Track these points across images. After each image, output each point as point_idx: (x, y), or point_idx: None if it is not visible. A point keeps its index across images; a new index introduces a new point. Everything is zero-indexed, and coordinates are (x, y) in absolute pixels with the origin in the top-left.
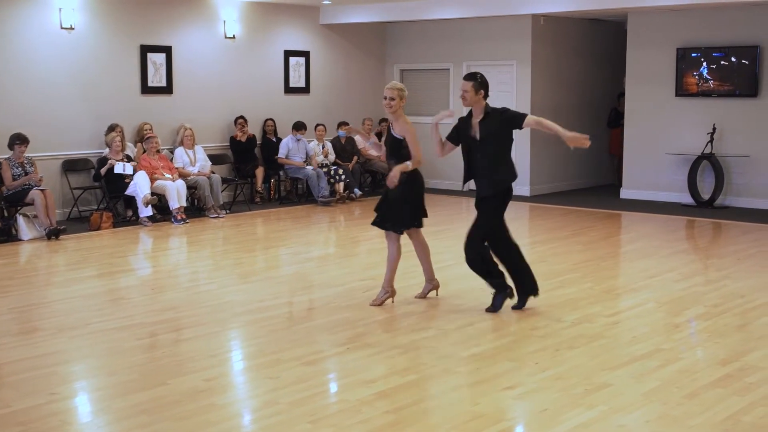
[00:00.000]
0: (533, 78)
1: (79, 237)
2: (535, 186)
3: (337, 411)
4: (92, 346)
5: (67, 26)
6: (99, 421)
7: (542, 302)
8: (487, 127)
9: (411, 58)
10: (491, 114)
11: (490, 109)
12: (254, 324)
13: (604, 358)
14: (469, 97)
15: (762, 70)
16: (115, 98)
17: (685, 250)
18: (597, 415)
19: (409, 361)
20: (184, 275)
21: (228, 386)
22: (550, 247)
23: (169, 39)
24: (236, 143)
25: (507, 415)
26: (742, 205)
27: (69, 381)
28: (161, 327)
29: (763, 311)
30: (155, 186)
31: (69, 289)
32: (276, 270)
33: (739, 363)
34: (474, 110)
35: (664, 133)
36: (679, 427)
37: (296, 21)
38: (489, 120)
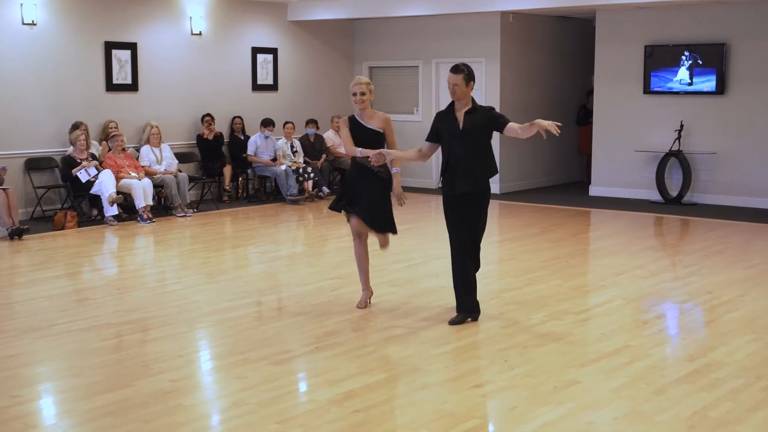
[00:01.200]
0: (502, 75)
1: (43, 237)
2: (505, 183)
3: (306, 411)
4: (57, 347)
5: (29, 22)
6: (63, 424)
7: (511, 299)
8: (474, 120)
9: (380, 55)
10: (479, 109)
11: (478, 105)
12: (222, 324)
13: (572, 355)
14: (459, 90)
15: (728, 67)
16: (79, 96)
17: (653, 247)
18: (566, 412)
19: (377, 360)
20: (151, 275)
21: (195, 387)
22: (520, 245)
23: (135, 35)
24: (203, 141)
25: (476, 413)
26: (709, 201)
27: (32, 383)
28: (127, 328)
29: (730, 307)
30: (121, 185)
31: (32, 289)
32: (244, 269)
33: (707, 359)
34: (459, 103)
35: (632, 130)
36: (646, 423)
37: (264, 17)
38: (476, 114)
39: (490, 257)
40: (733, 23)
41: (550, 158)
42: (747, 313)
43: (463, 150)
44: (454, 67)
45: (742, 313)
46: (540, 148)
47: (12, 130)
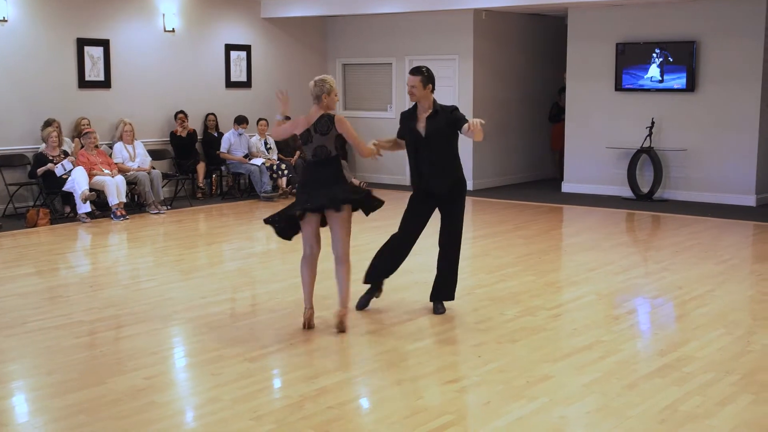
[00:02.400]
0: (475, 72)
1: (15, 234)
2: (478, 180)
3: (281, 407)
4: (29, 345)
5: (0, 19)
6: (36, 422)
7: (485, 296)
8: (436, 124)
9: (353, 53)
10: (440, 112)
11: (439, 106)
12: (196, 320)
13: (545, 350)
14: (417, 92)
15: (698, 65)
16: (51, 92)
17: (625, 243)
18: (539, 406)
19: (352, 356)
20: (124, 272)
21: (169, 384)
22: (493, 241)
23: (107, 32)
24: (177, 138)
25: (450, 408)
26: (680, 198)
27: (4, 381)
28: (100, 325)
29: (701, 302)
30: (94, 182)
31: (4, 287)
32: (218, 266)
33: (677, 353)
34: (421, 105)
35: (604, 127)
36: (618, 418)
37: (237, 14)
38: (438, 117)
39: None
40: (703, 21)
41: (523, 155)
42: (717, 308)
43: (428, 155)
44: (414, 69)
45: (712, 308)
46: (513, 145)
47: None
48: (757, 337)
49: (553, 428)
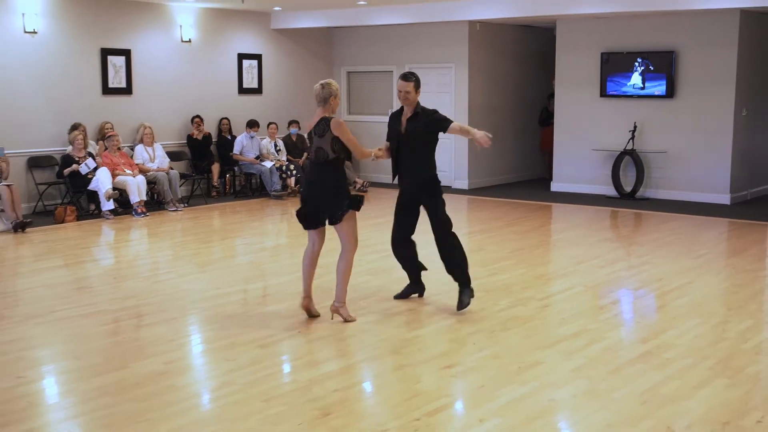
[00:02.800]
0: (470, 79)
1: (45, 230)
2: (473, 180)
3: (290, 390)
4: (58, 332)
5: (31, 30)
6: (65, 403)
7: (479, 287)
8: (414, 124)
9: (356, 61)
10: (420, 114)
11: (421, 108)
12: (211, 310)
13: (536, 338)
14: (411, 98)
15: (677, 73)
16: (77, 99)
17: (610, 239)
18: (529, 390)
19: (355, 344)
20: (145, 265)
21: (186, 369)
22: (487, 236)
23: (129, 42)
24: (193, 141)
25: (447, 391)
26: (661, 196)
27: (36, 365)
28: (123, 314)
29: (680, 293)
30: (116, 181)
31: (35, 278)
32: (231, 259)
33: (658, 341)
34: (408, 108)
35: (590, 131)
36: (603, 400)
37: (249, 26)
38: (417, 118)
39: None
40: (681, 33)
41: (515, 156)
42: (694, 298)
43: (404, 151)
44: (406, 75)
45: (690, 299)
46: (505, 147)
47: (15, 131)
48: (731, 326)
49: (543, 410)
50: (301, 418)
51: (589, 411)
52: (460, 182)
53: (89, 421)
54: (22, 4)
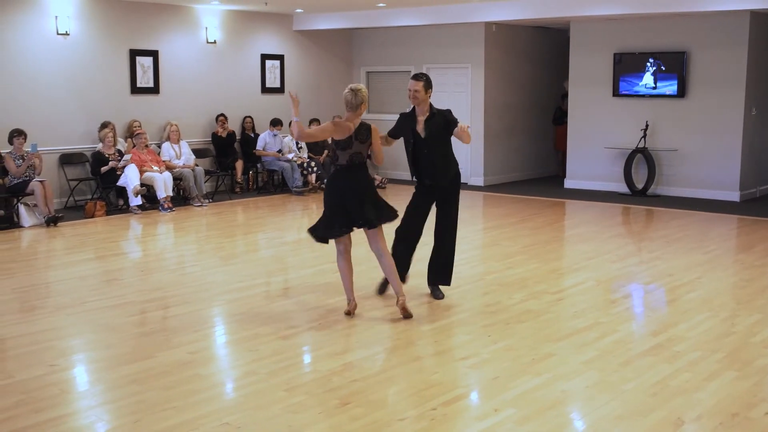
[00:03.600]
0: (486, 79)
1: (75, 224)
2: (488, 177)
3: (310, 380)
4: (88, 322)
5: (63, 32)
6: (94, 390)
7: (494, 281)
8: (433, 125)
9: (375, 61)
10: (437, 114)
11: (436, 109)
12: (234, 302)
13: (549, 331)
14: (420, 96)
15: (688, 73)
16: (107, 98)
17: (621, 234)
18: (542, 381)
19: (373, 335)
20: (171, 258)
21: (211, 358)
22: (502, 232)
23: (156, 44)
24: (218, 138)
25: (462, 382)
26: (672, 193)
27: (66, 354)
28: (150, 305)
29: (689, 288)
30: (144, 177)
31: (66, 271)
32: (254, 253)
33: (668, 334)
34: (419, 108)
35: (602, 129)
36: (614, 392)
37: (272, 27)
38: (434, 119)
39: (475, 243)
40: (693, 33)
41: (530, 154)
42: (704, 293)
43: (427, 155)
44: (416, 74)
45: (699, 294)
46: (520, 145)
47: (48, 129)
48: (740, 320)
49: (556, 401)
50: (321, 407)
51: (600, 402)
52: (475, 179)
53: (117, 408)
54: (55, 7)
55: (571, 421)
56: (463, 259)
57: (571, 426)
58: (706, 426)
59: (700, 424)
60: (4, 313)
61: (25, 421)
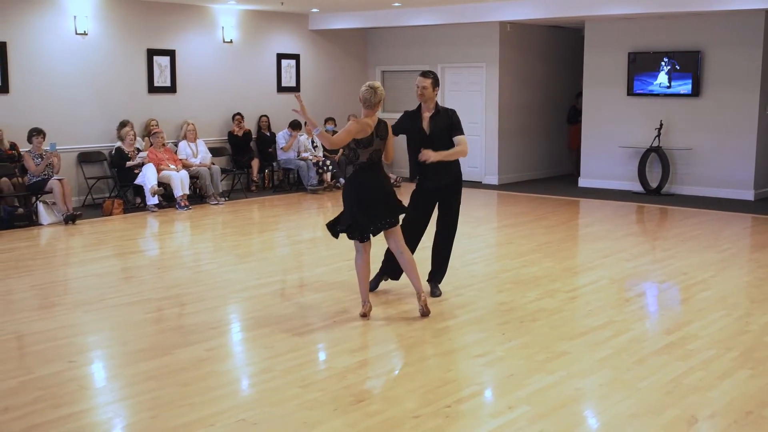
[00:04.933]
0: (501, 78)
1: (93, 222)
2: (503, 175)
3: (325, 377)
4: (106, 319)
5: (81, 32)
6: (112, 386)
7: (509, 279)
8: (438, 123)
9: (390, 61)
10: (442, 112)
11: (441, 108)
12: (251, 300)
13: (563, 329)
14: (427, 93)
15: (703, 72)
16: (125, 97)
17: (635, 233)
18: (557, 379)
19: (388, 333)
20: (188, 256)
21: (227, 355)
22: (516, 230)
23: (173, 43)
24: (234, 137)
25: (477, 380)
26: (686, 192)
27: (85, 350)
28: (167, 302)
29: (703, 287)
30: (161, 176)
31: (85, 268)
32: (270, 251)
33: (682, 332)
34: (426, 105)
35: (617, 128)
36: (628, 390)
37: (287, 27)
38: (440, 117)
39: (490, 241)
40: (707, 33)
41: (544, 153)
42: (718, 291)
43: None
44: (424, 72)
45: (713, 292)
46: (534, 143)
47: (66, 128)
48: (754, 318)
49: (570, 399)
50: (336, 403)
51: (614, 400)
52: (490, 178)
53: (135, 404)
54: (73, 7)
55: (585, 418)
56: (477, 258)
57: (585, 424)
58: (719, 424)
59: (714, 423)
60: (24, 310)
61: (44, 417)
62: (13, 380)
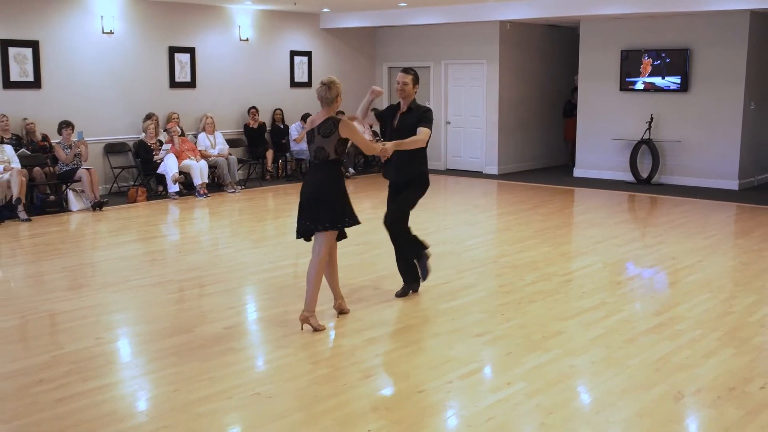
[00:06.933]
0: (501, 74)
1: (119, 208)
2: (502, 166)
3: (335, 354)
4: (131, 299)
5: (108, 31)
6: (137, 362)
7: (507, 264)
8: (406, 120)
9: (397, 57)
10: (414, 110)
11: (415, 105)
12: (265, 281)
13: (558, 310)
14: (408, 90)
15: (691, 68)
16: (148, 91)
17: (627, 220)
18: (552, 357)
19: (394, 313)
20: (206, 240)
21: (244, 333)
22: (515, 217)
23: (193, 41)
24: (249, 129)
25: (477, 357)
26: (674, 182)
27: (111, 328)
28: (188, 283)
29: (691, 271)
30: (182, 165)
31: (110, 252)
32: (283, 236)
33: (670, 313)
34: (404, 102)
35: (610, 121)
36: (619, 367)
37: (300, 26)
38: (410, 114)
39: (489, 228)
40: (695, 32)
41: (541, 144)
42: (704, 276)
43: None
44: (405, 69)
45: (700, 276)
46: (532, 136)
47: (93, 121)
48: (738, 300)
49: (564, 375)
50: (345, 379)
51: (606, 377)
52: (490, 168)
53: (158, 378)
54: (101, 7)
55: (579, 394)
56: (478, 243)
57: (579, 399)
58: (705, 399)
59: (700, 398)
60: (55, 290)
61: (75, 389)
62: (47, 355)
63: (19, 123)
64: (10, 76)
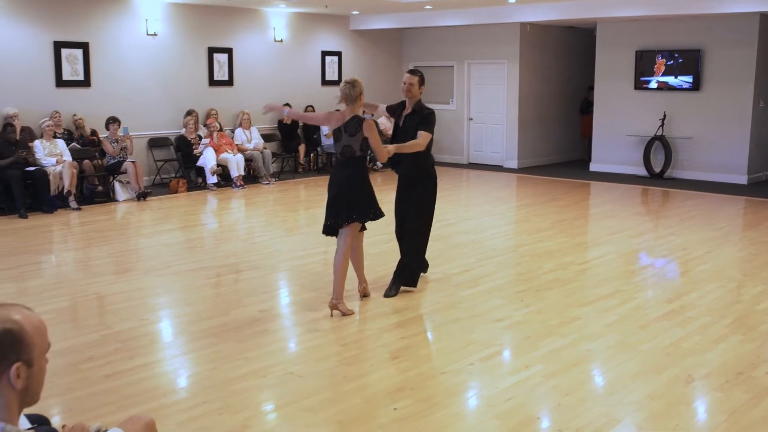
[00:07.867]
0: (521, 74)
1: (161, 199)
2: (522, 160)
3: (363, 337)
4: (172, 283)
5: (152, 33)
6: (178, 341)
7: (526, 253)
8: (411, 122)
9: (422, 57)
10: (417, 111)
11: (419, 107)
12: (298, 268)
13: (575, 297)
14: (414, 90)
15: (703, 68)
16: (189, 89)
17: (640, 213)
18: (569, 342)
19: (419, 299)
20: (242, 229)
21: (277, 316)
22: (533, 209)
23: (231, 42)
24: (283, 125)
25: (497, 341)
26: (686, 177)
27: (155, 310)
28: (225, 269)
29: (701, 261)
30: (220, 159)
31: (154, 239)
32: (314, 226)
33: (681, 301)
34: (409, 102)
35: (624, 118)
36: (632, 352)
37: (331, 27)
38: (413, 117)
39: (509, 219)
40: (707, 33)
41: (559, 140)
42: (714, 265)
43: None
44: (412, 70)
45: (710, 266)
46: (550, 131)
47: (138, 117)
48: (746, 289)
49: (580, 359)
50: (372, 360)
51: (620, 360)
52: (510, 162)
53: (197, 357)
54: (145, 11)
55: (593, 377)
56: (498, 233)
57: (593, 381)
58: (713, 383)
59: (709, 381)
60: (103, 274)
61: (122, 366)
62: (96, 334)
63: (70, 119)
64: (63, 76)
